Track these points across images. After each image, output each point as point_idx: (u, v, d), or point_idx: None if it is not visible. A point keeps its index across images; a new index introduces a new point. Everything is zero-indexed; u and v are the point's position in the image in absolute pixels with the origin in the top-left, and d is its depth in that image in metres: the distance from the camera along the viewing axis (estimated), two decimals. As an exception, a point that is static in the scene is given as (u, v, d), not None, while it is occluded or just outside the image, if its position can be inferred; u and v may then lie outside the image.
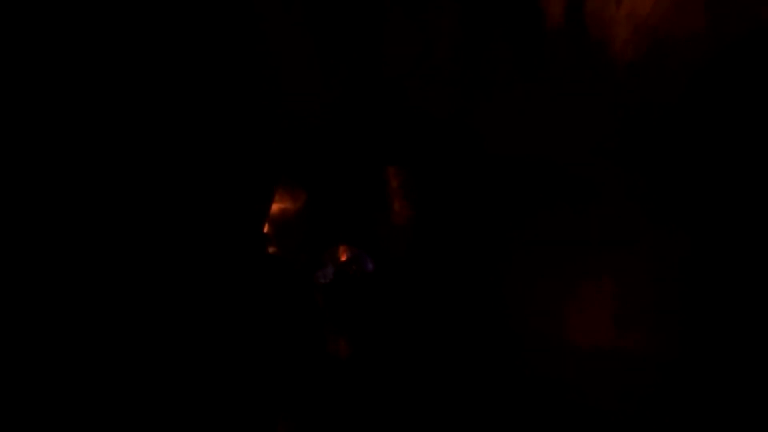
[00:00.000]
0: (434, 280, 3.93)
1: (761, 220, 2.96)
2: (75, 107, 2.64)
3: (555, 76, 3.36)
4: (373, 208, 4.27)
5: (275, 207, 4.03)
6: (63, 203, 2.61)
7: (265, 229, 3.92)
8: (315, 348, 4.02)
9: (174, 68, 2.93)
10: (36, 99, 2.53)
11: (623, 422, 3.08)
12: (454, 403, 3.40)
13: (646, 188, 3.23)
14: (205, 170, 3.14)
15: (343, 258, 5.29)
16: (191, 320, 3.05)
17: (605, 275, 3.26)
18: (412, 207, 4.18)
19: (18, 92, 2.47)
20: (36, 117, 2.53)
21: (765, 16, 2.80)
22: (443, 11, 3.40)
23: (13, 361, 2.39)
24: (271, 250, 4.04)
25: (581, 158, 3.36)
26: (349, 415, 3.46)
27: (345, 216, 4.28)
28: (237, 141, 3.26)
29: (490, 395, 3.39)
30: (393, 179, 4.28)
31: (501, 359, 3.50)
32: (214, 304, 3.18)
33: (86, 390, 2.58)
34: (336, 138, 3.78)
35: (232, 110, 3.20)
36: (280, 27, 3.23)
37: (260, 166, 3.42)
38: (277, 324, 3.77)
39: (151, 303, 2.86)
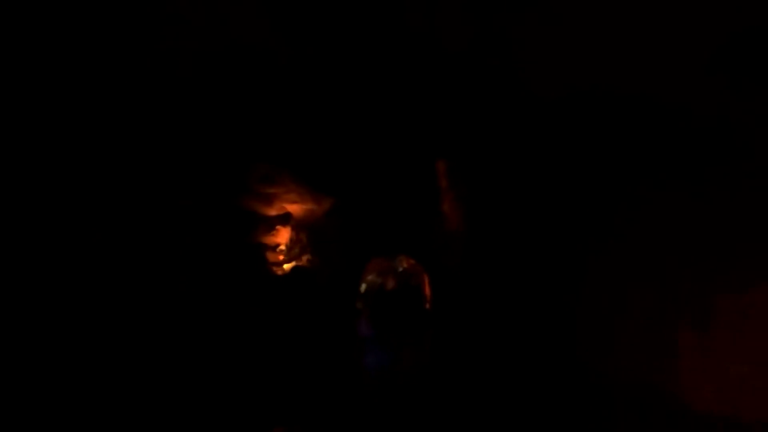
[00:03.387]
0: (493, 298, 2.82)
1: None
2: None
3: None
4: (418, 210, 3.21)
5: (298, 209, 3.29)
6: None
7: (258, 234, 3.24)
8: (352, 357, 3.40)
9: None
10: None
11: None
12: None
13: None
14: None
15: (401, 269, 4.65)
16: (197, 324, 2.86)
17: (748, 294, 1.85)
18: (464, 206, 3.02)
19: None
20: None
21: None
22: None
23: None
24: (305, 258, 3.41)
25: (696, 86, 1.87)
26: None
27: (386, 220, 3.33)
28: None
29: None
30: (441, 176, 3.14)
31: (577, 417, 2.34)
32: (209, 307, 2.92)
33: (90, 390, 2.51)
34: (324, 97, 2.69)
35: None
36: None
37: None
38: (301, 330, 3.26)
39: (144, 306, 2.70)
